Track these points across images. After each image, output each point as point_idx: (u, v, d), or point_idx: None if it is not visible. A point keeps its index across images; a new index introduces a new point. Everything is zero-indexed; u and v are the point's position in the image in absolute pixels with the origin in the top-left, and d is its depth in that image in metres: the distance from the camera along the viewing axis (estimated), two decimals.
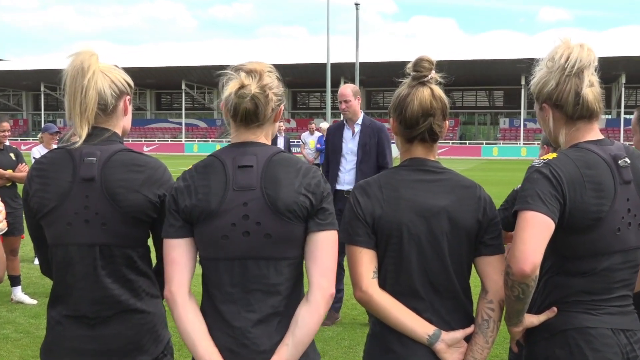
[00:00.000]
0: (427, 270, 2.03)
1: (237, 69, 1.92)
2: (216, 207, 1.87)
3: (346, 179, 6.07)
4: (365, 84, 59.21)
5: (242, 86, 1.88)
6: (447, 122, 2.11)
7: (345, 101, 6.05)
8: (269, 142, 2.00)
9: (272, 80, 1.94)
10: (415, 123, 2.05)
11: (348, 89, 6.11)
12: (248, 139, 1.96)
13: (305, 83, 60.81)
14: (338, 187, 6.08)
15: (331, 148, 6.18)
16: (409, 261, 2.02)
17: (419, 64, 2.07)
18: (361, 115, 6.15)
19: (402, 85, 2.11)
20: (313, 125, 15.50)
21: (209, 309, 1.93)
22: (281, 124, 14.43)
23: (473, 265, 2.10)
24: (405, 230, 2.00)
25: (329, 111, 38.12)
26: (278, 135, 14.03)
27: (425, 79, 2.07)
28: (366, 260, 2.02)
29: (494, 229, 2.06)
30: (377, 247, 2.05)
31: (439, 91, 2.08)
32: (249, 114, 1.91)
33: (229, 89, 1.89)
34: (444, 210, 2.01)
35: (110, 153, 2.08)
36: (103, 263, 2.07)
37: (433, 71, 2.07)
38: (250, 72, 1.91)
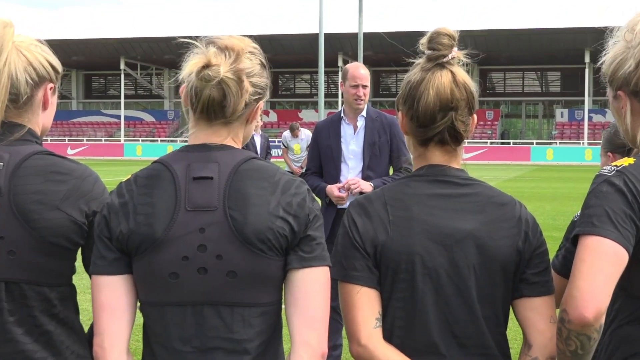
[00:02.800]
0: (449, 317, 2.03)
1: (209, 42, 1.92)
2: (162, 233, 1.86)
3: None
4: (372, 63, 55.89)
5: (208, 65, 1.87)
6: (474, 116, 2.11)
7: (364, 86, 5.97)
8: (238, 145, 2.00)
9: (253, 66, 1.94)
10: (432, 119, 2.04)
11: (363, 69, 6.04)
12: (209, 139, 1.96)
13: (289, 61, 59.06)
14: (339, 206, 5.97)
15: (325, 151, 6.04)
16: (423, 304, 2.02)
17: (435, 39, 2.06)
18: (367, 105, 6.13)
19: (414, 67, 2.10)
20: (298, 131, 15.18)
21: None
22: (259, 118, 14.13)
23: (511, 310, 2.10)
24: (419, 262, 1.99)
25: (321, 100, 35.47)
26: (254, 133, 14.09)
27: (445, 60, 2.06)
28: (366, 303, 2.02)
29: (539, 261, 2.07)
30: (380, 286, 2.05)
31: (463, 75, 2.07)
32: (212, 104, 1.91)
33: (190, 66, 1.88)
34: (471, 235, 2.00)
35: (22, 157, 2.07)
36: (10, 306, 2.05)
37: (455, 48, 2.06)
38: (224, 50, 1.90)
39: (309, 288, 1.88)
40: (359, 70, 6.00)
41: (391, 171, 6.13)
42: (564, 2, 52.55)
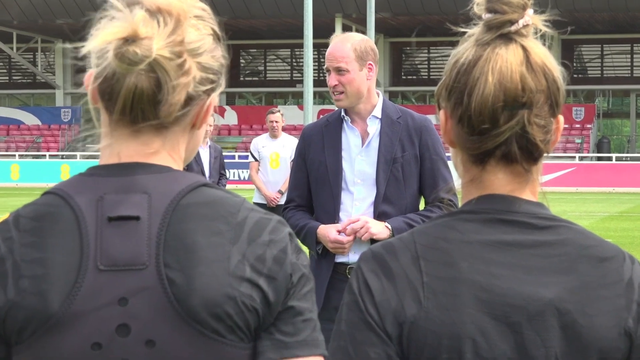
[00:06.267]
0: None
1: (133, 1, 1.68)
2: (60, 308, 1.62)
3: (357, 237, 4.51)
4: (389, 31, 44.19)
5: (133, 37, 1.62)
6: (560, 118, 1.78)
7: (339, 69, 4.49)
8: (178, 165, 1.74)
9: (202, 38, 1.71)
10: (492, 122, 1.75)
11: (341, 42, 4.56)
12: (134, 155, 1.71)
13: (259, 29, 44.28)
14: (338, 259, 4.64)
15: (317, 172, 4.71)
16: None
17: None
18: (380, 99, 4.72)
19: (464, 40, 1.82)
20: (277, 115, 11.39)
21: None
22: (210, 120, 11.29)
23: None
24: (470, 350, 1.70)
25: (308, 90, 23.94)
26: (201, 146, 11.58)
27: (513, 29, 1.76)
28: None
29: None
30: None
31: (541, 53, 1.76)
32: (139, 99, 1.66)
33: (102, 38, 1.62)
34: (553, 308, 1.73)
35: None
36: None
37: (530, 11, 1.77)
38: (156, 13, 1.66)
39: None
40: (334, 46, 4.56)
41: (422, 205, 4.82)
42: None
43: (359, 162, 4.62)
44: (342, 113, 4.65)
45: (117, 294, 1.63)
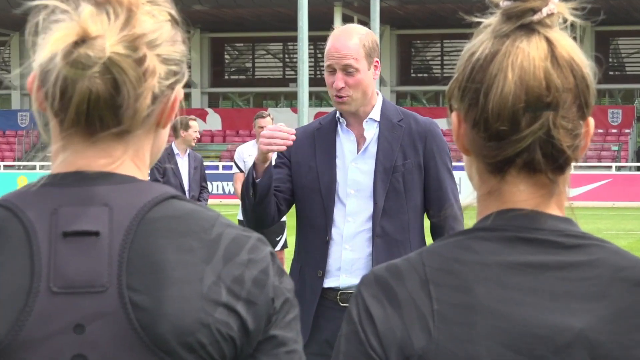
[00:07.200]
0: None
1: None
2: (7, 335, 1.55)
3: (349, 258, 4.17)
4: (396, 21, 41.04)
5: (83, 38, 1.54)
6: (591, 121, 1.70)
7: (347, 69, 4.06)
8: (143, 173, 1.66)
9: (158, 27, 1.63)
10: (512, 125, 1.67)
11: (347, 36, 4.13)
12: (91, 164, 1.63)
13: (245, 19, 40.42)
14: (328, 283, 4.21)
15: (306, 180, 4.27)
16: None
17: None
18: (379, 99, 4.32)
19: (480, 32, 1.74)
20: (267, 120, 10.28)
21: None
22: (193, 124, 10.28)
23: None
24: None
25: (303, 90, 21.99)
26: (177, 153, 10.45)
27: (536, 18, 1.68)
28: None
29: None
30: None
31: (568, 46, 1.67)
32: (96, 105, 1.58)
33: (51, 46, 1.56)
34: (584, 339, 1.64)
35: None
36: None
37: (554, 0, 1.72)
38: (105, 4, 1.58)
39: None
40: (339, 40, 4.11)
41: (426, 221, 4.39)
42: None
43: (353, 170, 4.21)
44: (337, 114, 4.27)
45: (73, 320, 1.54)
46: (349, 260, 4.09)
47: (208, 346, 1.55)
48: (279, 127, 4.01)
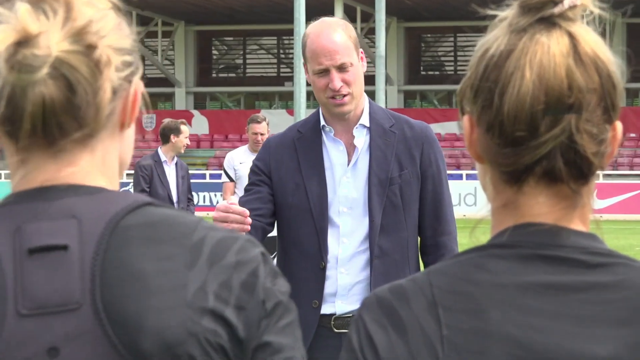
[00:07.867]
0: None
1: None
2: None
3: (346, 283, 3.77)
4: (402, 14, 38.17)
5: (25, 38, 1.50)
6: (618, 125, 1.62)
7: (343, 67, 3.71)
8: (113, 184, 1.62)
9: (100, 16, 1.56)
10: (531, 129, 1.60)
11: (338, 31, 3.75)
12: (54, 178, 1.57)
13: (234, 11, 37.53)
14: (322, 310, 3.81)
15: (291, 198, 3.83)
16: None
17: None
18: (364, 102, 3.90)
19: (495, 27, 1.67)
20: (263, 126, 9.54)
21: None
22: (184, 129, 9.56)
23: None
24: None
25: (300, 88, 19.96)
26: (164, 161, 9.78)
27: (556, 11, 1.62)
28: None
29: None
30: None
31: (592, 42, 1.60)
32: (52, 111, 1.53)
33: None
34: None
35: None
36: None
37: None
38: (39, 2, 1.53)
39: None
40: (324, 37, 3.72)
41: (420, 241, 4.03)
42: None
43: (345, 184, 3.76)
44: (322, 122, 3.82)
45: (46, 343, 1.48)
46: (345, 286, 3.72)
47: (198, 358, 1.49)
48: (230, 207, 3.43)
